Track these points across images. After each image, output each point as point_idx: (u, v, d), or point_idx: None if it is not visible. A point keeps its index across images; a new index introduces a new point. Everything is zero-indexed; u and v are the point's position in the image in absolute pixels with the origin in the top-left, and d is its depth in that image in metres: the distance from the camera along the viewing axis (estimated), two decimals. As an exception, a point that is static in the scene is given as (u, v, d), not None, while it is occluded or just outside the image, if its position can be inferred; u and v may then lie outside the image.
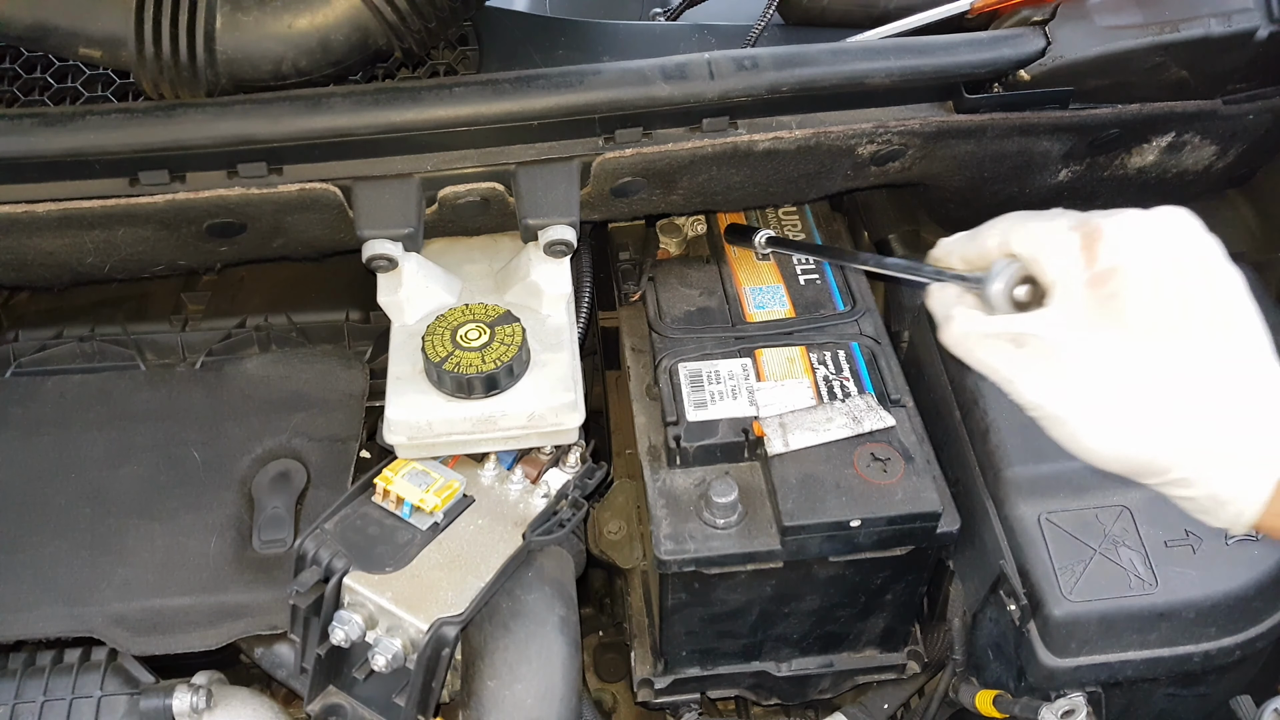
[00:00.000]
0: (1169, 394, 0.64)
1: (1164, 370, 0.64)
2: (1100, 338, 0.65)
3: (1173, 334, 0.64)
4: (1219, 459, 0.64)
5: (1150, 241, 0.66)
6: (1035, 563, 0.92)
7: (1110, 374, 0.65)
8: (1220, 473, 0.64)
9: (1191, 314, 0.64)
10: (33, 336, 1.17)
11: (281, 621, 0.95)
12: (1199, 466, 0.64)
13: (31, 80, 1.07)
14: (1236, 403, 0.64)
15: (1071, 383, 0.66)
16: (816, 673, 1.08)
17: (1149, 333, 0.65)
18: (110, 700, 0.92)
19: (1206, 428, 0.64)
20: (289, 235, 1.01)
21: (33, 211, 0.93)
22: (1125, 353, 0.65)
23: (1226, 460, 0.64)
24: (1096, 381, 0.65)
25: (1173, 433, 0.64)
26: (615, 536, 1.08)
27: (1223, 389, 0.64)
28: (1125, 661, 0.91)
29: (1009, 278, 0.70)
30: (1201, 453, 0.64)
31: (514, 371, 0.94)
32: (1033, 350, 0.68)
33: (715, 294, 1.10)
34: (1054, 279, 0.68)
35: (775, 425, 0.95)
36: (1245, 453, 0.64)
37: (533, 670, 0.91)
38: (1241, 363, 0.65)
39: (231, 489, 1.04)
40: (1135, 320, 0.65)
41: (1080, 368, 0.66)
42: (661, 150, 0.97)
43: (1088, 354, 0.66)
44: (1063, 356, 0.66)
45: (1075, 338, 0.66)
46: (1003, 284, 0.70)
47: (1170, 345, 0.64)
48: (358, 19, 0.93)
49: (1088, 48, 0.99)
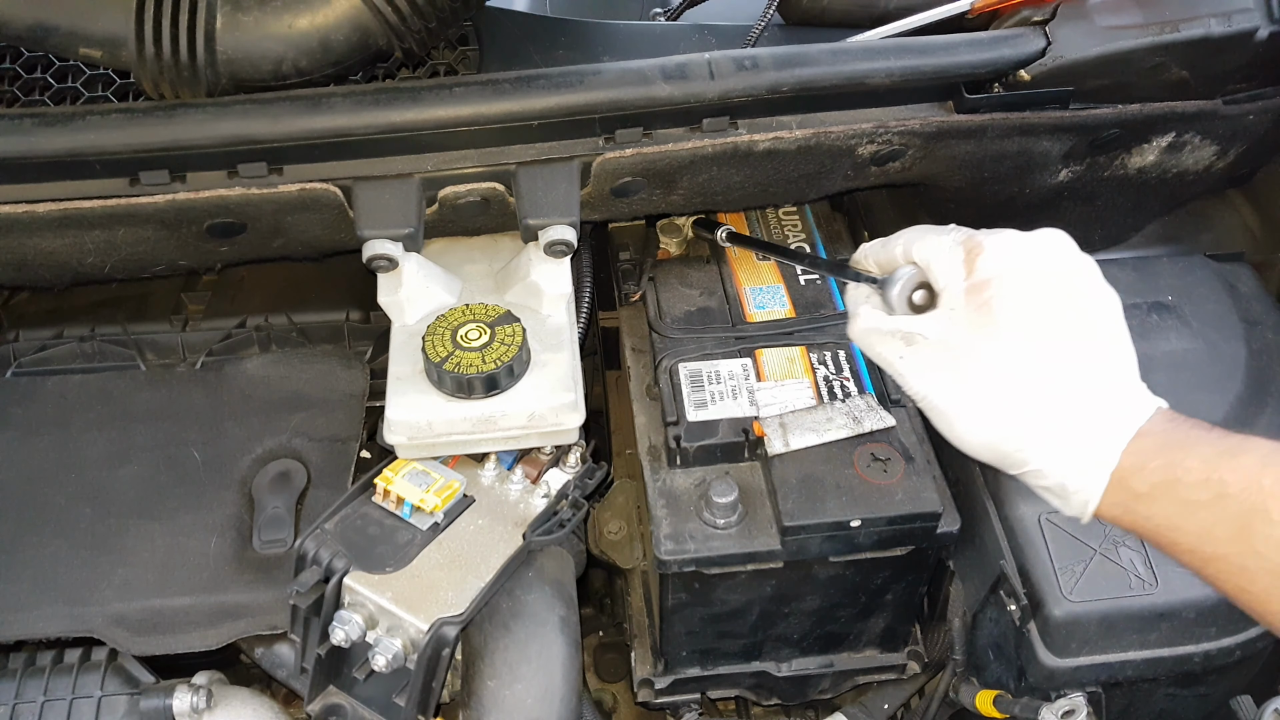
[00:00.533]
0: (1028, 391, 0.71)
1: (1025, 370, 0.71)
2: (974, 339, 0.73)
3: (1036, 338, 0.71)
4: (1065, 452, 0.69)
5: (1022, 257, 0.74)
6: (1035, 563, 0.92)
7: (979, 372, 0.72)
8: (1066, 465, 0.69)
9: (1054, 320, 0.72)
10: (33, 336, 1.17)
11: (281, 621, 0.95)
12: (1050, 458, 0.70)
13: (31, 80, 1.07)
14: (1084, 401, 0.70)
15: (947, 378, 0.74)
16: (817, 673, 1.08)
17: (1016, 336, 0.72)
18: (110, 700, 0.92)
19: (1056, 423, 0.70)
20: (289, 235, 1.01)
21: (33, 211, 0.93)
22: (993, 353, 0.72)
23: (1071, 453, 0.69)
24: (968, 378, 0.73)
25: (1029, 426, 0.71)
26: (615, 536, 1.08)
27: (1074, 388, 0.70)
28: (1125, 661, 0.91)
29: (906, 283, 0.79)
30: (1052, 446, 0.70)
31: (514, 371, 0.94)
32: (919, 348, 0.76)
33: (715, 294, 1.10)
34: (941, 286, 0.76)
35: (775, 425, 0.95)
36: (1086, 446, 0.69)
37: (533, 670, 0.91)
38: (1094, 365, 0.71)
39: (232, 489, 1.04)
40: (1005, 324, 0.72)
41: (955, 365, 0.73)
42: (662, 150, 0.97)
43: (962, 353, 0.73)
44: (941, 355, 0.74)
45: (953, 339, 0.74)
46: (899, 289, 0.79)
47: (1032, 347, 0.71)
48: (358, 19, 0.93)
49: (1088, 48, 0.99)
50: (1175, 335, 1.05)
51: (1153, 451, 0.67)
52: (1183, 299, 1.09)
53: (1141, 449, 0.67)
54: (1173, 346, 1.04)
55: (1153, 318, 1.07)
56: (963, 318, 0.74)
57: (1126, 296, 1.08)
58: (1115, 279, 1.11)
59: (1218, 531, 0.62)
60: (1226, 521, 0.61)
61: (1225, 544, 0.61)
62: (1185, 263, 1.14)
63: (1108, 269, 1.16)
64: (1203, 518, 0.63)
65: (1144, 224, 1.24)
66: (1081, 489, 0.69)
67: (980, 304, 0.73)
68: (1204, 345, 1.04)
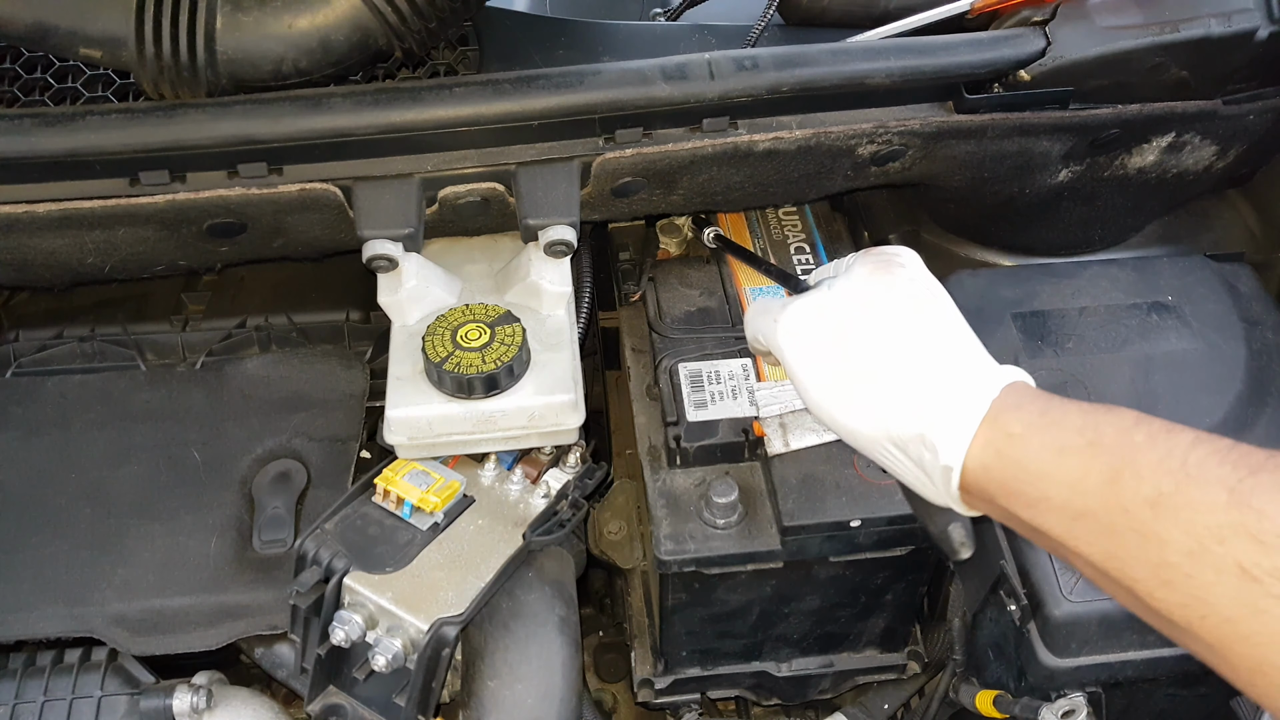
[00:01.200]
0: (879, 378, 0.70)
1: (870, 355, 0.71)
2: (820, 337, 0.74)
3: (919, 308, 0.72)
4: (934, 402, 0.67)
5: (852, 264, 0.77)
6: (1035, 563, 0.92)
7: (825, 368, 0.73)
8: (935, 412, 0.66)
9: (938, 304, 0.73)
10: (33, 336, 1.17)
11: (282, 621, 0.95)
12: (918, 411, 0.67)
13: (31, 80, 1.07)
14: (943, 373, 0.68)
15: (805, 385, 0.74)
16: (817, 673, 1.08)
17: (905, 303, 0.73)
18: (110, 700, 0.92)
19: (919, 370, 0.69)
20: (289, 235, 1.01)
21: (33, 211, 0.93)
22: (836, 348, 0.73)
23: (941, 400, 0.66)
24: (821, 376, 0.73)
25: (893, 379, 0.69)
26: (615, 536, 1.08)
27: (930, 361, 0.69)
28: (1125, 662, 0.91)
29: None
30: (918, 394, 0.68)
31: (514, 371, 0.94)
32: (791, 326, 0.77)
33: (715, 294, 1.11)
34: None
35: (775, 425, 0.95)
36: (957, 391, 0.66)
37: (533, 670, 0.91)
38: (940, 337, 0.71)
39: (232, 489, 1.04)
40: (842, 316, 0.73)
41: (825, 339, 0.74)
42: (662, 150, 0.97)
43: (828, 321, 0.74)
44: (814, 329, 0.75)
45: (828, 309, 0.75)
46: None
47: (871, 326, 0.72)
48: (358, 19, 0.93)
49: (1088, 48, 0.99)
50: (1175, 335, 1.05)
51: (1029, 396, 0.65)
52: (1183, 299, 1.09)
53: (1017, 392, 0.65)
54: (1173, 346, 1.04)
55: (1153, 318, 1.07)
56: (861, 271, 0.76)
57: (1126, 296, 1.10)
58: (1115, 279, 1.13)
59: (1088, 482, 0.58)
60: (1097, 472, 0.58)
61: (1093, 496, 0.58)
62: (1185, 263, 1.14)
63: (1108, 269, 1.17)
64: (1074, 464, 0.59)
65: (1144, 224, 1.24)
66: (951, 432, 0.65)
67: (882, 262, 0.76)
68: (1204, 345, 1.04)
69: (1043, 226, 1.19)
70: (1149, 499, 0.55)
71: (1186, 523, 0.53)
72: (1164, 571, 0.54)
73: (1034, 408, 0.64)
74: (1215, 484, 0.53)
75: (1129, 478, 0.57)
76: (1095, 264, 1.15)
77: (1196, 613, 0.53)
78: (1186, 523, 0.53)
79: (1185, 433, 0.57)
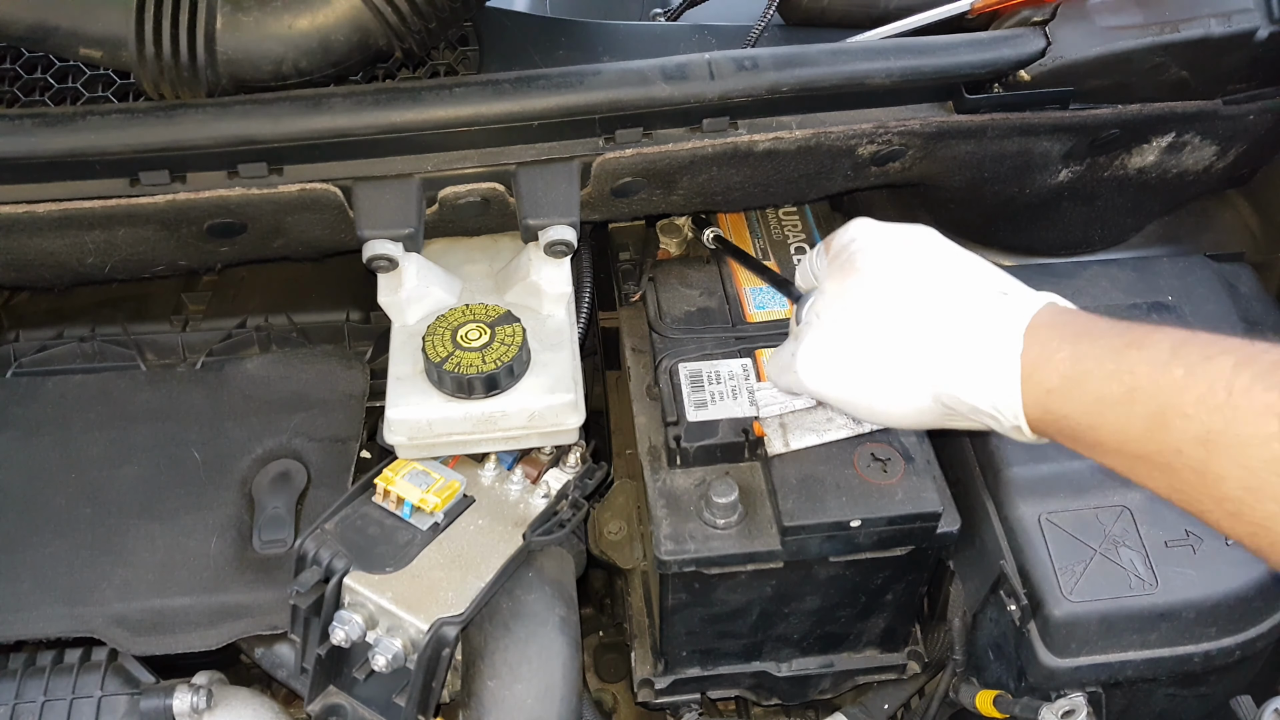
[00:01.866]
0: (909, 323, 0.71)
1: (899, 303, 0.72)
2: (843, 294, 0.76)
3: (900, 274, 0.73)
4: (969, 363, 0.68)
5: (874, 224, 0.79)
6: (1035, 563, 0.92)
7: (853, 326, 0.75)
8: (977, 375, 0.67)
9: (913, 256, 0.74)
10: (33, 336, 1.17)
11: (282, 621, 0.95)
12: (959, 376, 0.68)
13: (31, 80, 1.07)
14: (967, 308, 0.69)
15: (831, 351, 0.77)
16: (817, 673, 1.08)
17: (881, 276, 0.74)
18: (110, 700, 0.92)
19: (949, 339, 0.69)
20: (289, 235, 1.01)
21: (33, 212, 0.93)
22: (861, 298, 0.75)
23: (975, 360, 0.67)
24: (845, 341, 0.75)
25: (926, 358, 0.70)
26: (615, 536, 1.08)
27: (953, 301, 0.70)
28: (1125, 662, 0.92)
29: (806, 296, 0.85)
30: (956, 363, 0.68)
31: (514, 371, 0.94)
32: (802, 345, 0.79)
33: (715, 294, 1.10)
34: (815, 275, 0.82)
35: (775, 425, 0.95)
36: (985, 348, 0.67)
37: (533, 670, 0.91)
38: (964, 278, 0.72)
39: (232, 489, 1.04)
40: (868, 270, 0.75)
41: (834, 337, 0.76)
42: (662, 150, 0.97)
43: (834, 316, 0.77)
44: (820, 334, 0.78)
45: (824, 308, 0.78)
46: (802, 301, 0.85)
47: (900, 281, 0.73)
48: (358, 19, 0.93)
49: (1088, 48, 0.99)
50: (1175, 335, 1.05)
51: (1056, 342, 0.64)
52: (1183, 299, 1.09)
53: (1043, 339, 0.64)
54: (1173, 346, 1.04)
55: (1153, 318, 1.07)
56: (830, 287, 0.77)
57: (1126, 296, 1.10)
58: (1115, 279, 1.12)
59: (1133, 429, 0.58)
60: (1140, 418, 0.58)
61: (1144, 442, 0.58)
62: (1185, 263, 1.14)
63: (1108, 269, 1.17)
64: (1117, 415, 0.59)
65: (1144, 224, 1.24)
66: (1001, 393, 0.66)
67: (842, 264, 0.77)
68: (1204, 345, 1.04)
69: (1043, 226, 1.19)
70: (1199, 438, 0.55)
71: (1241, 458, 0.53)
72: (1227, 504, 0.55)
73: (1063, 355, 0.63)
74: (1264, 413, 0.53)
75: (1175, 419, 0.56)
76: (1095, 264, 1.15)
77: (1266, 540, 0.54)
78: (1241, 458, 0.53)
79: (1224, 356, 0.56)
